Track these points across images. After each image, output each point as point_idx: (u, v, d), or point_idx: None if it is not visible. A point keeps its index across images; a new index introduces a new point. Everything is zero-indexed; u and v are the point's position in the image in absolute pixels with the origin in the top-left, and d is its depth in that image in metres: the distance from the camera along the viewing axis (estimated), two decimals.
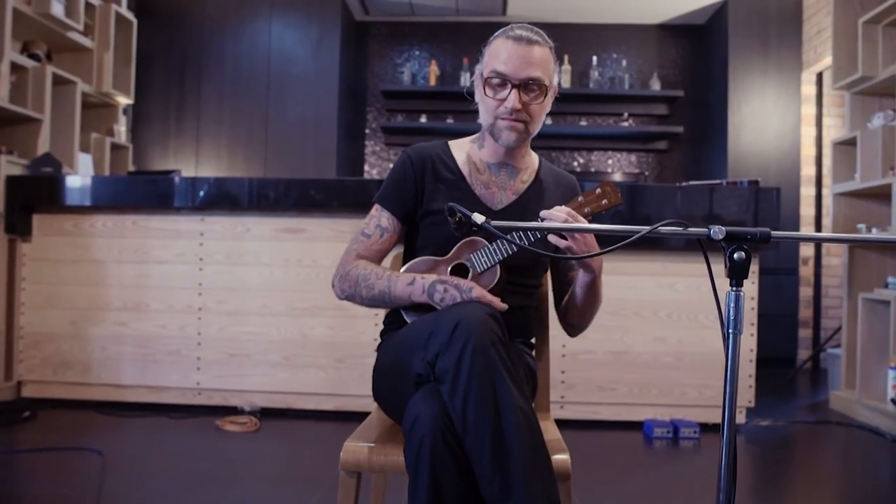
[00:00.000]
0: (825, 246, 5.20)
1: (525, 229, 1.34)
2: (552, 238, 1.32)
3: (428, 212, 1.50)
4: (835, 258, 5.22)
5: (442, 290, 1.36)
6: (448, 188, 1.51)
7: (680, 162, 5.85)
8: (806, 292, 5.26)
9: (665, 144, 5.81)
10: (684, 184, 3.33)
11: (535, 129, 1.48)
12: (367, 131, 6.05)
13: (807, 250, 5.24)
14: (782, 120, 5.21)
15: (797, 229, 5.15)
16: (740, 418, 3.19)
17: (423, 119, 5.70)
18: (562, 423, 3.13)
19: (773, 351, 4.99)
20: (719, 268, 1.05)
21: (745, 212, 3.15)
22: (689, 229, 1.03)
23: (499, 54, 1.42)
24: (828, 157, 4.71)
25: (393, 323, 1.53)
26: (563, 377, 3.16)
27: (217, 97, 5.42)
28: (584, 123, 5.75)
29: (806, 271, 5.27)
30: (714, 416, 3.15)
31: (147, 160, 5.41)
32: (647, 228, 1.01)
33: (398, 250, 1.66)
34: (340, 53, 5.37)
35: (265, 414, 3.22)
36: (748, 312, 3.14)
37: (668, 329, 3.15)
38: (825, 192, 5.18)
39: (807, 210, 5.22)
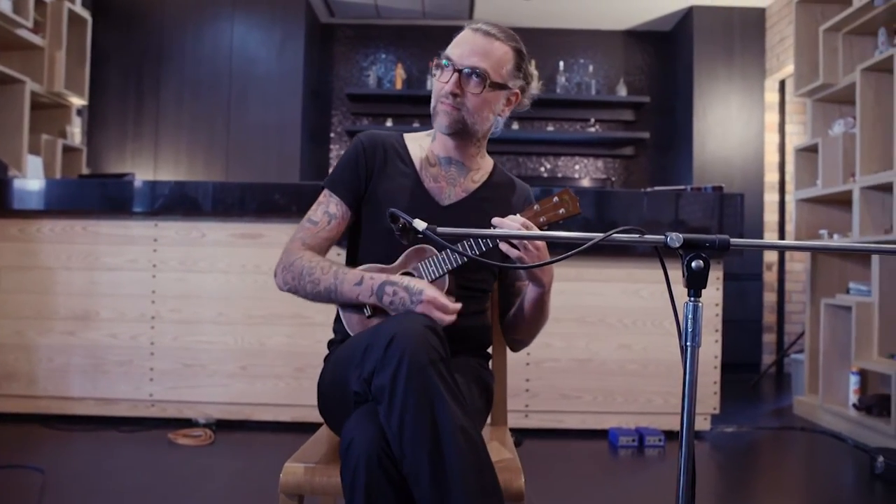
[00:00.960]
0: (788, 252, 5.25)
1: (475, 237, 1.28)
2: (503, 247, 1.26)
3: (373, 197, 1.44)
4: (798, 264, 5.27)
5: (391, 292, 1.29)
6: (397, 176, 1.46)
7: (646, 168, 5.86)
8: (770, 297, 5.30)
9: (631, 150, 5.82)
10: (649, 189, 3.32)
11: (475, 123, 1.40)
12: (332, 135, 5.95)
13: (770, 256, 5.28)
14: (746, 127, 5.25)
15: (761, 235, 5.19)
16: (705, 425, 3.16)
17: (389, 123, 5.63)
18: (526, 433, 3.11)
19: (737, 356, 5.01)
20: (678, 273, 1.00)
21: (710, 218, 3.14)
22: (646, 236, 0.98)
23: (456, 40, 1.41)
24: (790, 164, 4.75)
25: (339, 332, 1.45)
26: (528, 385, 3.11)
27: (176, 99, 5.28)
28: (550, 129, 5.73)
29: (770, 276, 5.31)
30: (679, 424, 3.11)
31: (103, 163, 5.24)
32: (600, 235, 0.96)
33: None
34: (304, 56, 5.27)
35: (221, 426, 3.11)
36: (712, 319, 3.12)
37: (634, 336, 3.12)
38: (788, 198, 5.23)
39: (770, 216, 5.26)
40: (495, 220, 1.26)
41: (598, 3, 5.32)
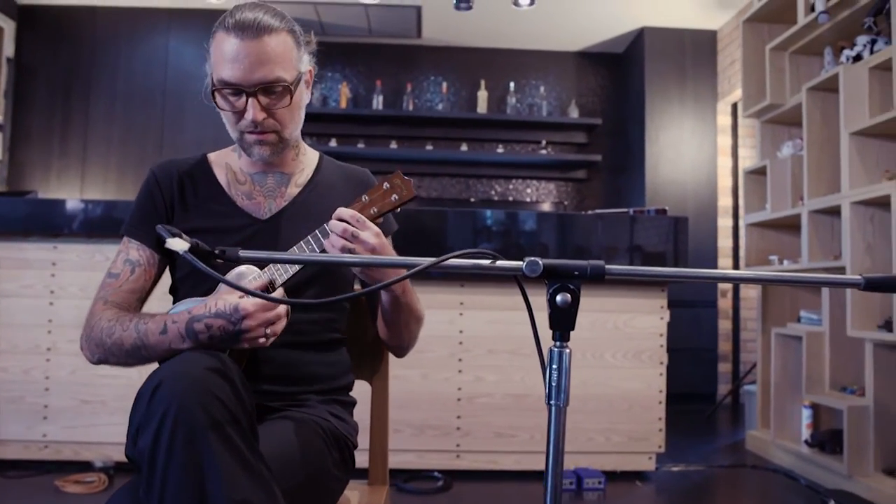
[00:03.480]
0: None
1: (279, 261, 1.08)
2: (326, 245, 1.09)
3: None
4: (752, 290, 5.13)
5: (203, 328, 1.04)
6: (204, 202, 1.26)
7: (599, 191, 5.71)
8: (725, 325, 5.15)
9: (584, 173, 5.67)
10: (590, 212, 3.14)
11: (293, 131, 1.24)
12: None
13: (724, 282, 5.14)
14: (699, 150, 5.14)
15: (715, 260, 5.05)
16: (649, 465, 2.95)
17: (333, 143, 5.40)
18: (457, 475, 2.86)
19: (692, 386, 4.84)
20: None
21: (666, 242, 2.97)
22: (499, 262, 0.76)
23: (223, 56, 1.14)
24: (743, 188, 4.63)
25: None
26: (459, 423, 2.87)
27: (107, 115, 5.00)
28: (500, 151, 5.55)
29: (724, 303, 5.17)
30: (622, 464, 2.91)
31: (25, 181, 4.92)
32: (430, 261, 0.74)
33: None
34: None
35: (121, 469, 2.81)
36: (656, 350, 2.93)
37: (572, 369, 2.90)
38: (742, 223, 5.12)
39: (724, 241, 5.14)
40: (328, 225, 1.09)
41: (550, 23, 5.19)
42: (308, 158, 1.35)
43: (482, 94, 5.48)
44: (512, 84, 5.56)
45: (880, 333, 2.64)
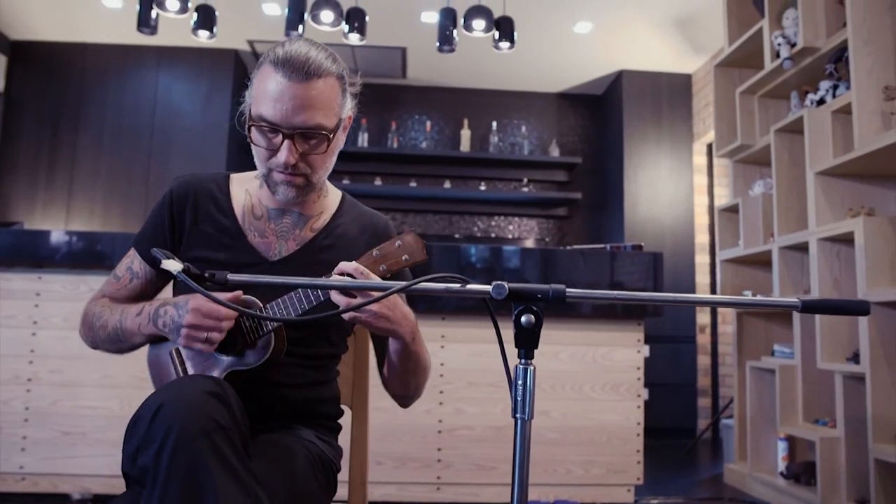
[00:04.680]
0: (720, 313, 5.22)
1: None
2: (338, 299, 1.07)
3: (186, 258, 1.23)
4: (730, 325, 5.22)
5: (163, 312, 1.15)
6: (214, 231, 1.26)
7: (580, 228, 5.83)
8: (704, 360, 5.22)
9: (565, 211, 5.79)
10: (569, 247, 3.22)
11: (323, 176, 1.24)
12: None
13: (703, 317, 5.23)
14: (676, 189, 5.28)
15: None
16: (628, 497, 2.98)
17: None
18: None
19: (673, 421, 4.89)
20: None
21: (645, 278, 3.05)
22: (468, 286, 0.83)
23: (266, 92, 1.12)
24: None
25: None
26: (440, 455, 2.90)
27: (94, 149, 5.06)
28: (483, 188, 5.67)
29: (703, 339, 5.25)
30: (601, 496, 2.94)
31: (10, 213, 4.95)
32: (402, 284, 0.80)
33: None
34: (232, 109, 5.14)
35: (98, 501, 2.79)
36: (634, 383, 2.99)
37: (552, 401, 2.95)
38: (718, 259, 5.23)
39: (702, 278, 5.24)
40: (336, 272, 1.09)
41: (532, 65, 5.36)
42: (329, 200, 1.33)
43: (465, 133, 5.61)
44: (494, 123, 5.70)
45: (849, 365, 2.71)
